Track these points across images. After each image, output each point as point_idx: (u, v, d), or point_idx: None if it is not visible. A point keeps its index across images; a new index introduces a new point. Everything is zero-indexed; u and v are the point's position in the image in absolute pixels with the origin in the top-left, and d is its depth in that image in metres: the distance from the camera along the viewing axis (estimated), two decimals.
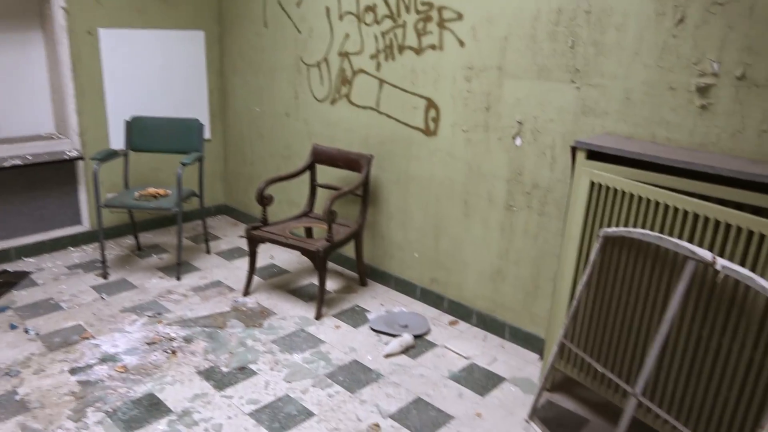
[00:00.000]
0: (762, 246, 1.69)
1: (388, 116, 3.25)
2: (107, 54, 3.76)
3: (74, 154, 3.68)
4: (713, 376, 1.81)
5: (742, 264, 1.74)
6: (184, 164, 3.33)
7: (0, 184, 3.51)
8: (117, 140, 3.91)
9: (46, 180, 3.69)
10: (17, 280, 3.36)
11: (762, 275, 1.69)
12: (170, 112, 4.12)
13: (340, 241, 3.09)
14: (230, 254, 3.86)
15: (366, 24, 3.26)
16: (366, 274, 3.48)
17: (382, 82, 3.25)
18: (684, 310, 1.85)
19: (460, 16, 2.82)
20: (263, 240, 3.12)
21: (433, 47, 2.96)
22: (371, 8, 3.20)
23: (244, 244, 4.05)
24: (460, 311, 3.11)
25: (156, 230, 4.24)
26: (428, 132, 3.08)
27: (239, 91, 4.27)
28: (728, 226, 1.76)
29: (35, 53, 3.66)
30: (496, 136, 2.79)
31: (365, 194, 3.28)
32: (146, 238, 4.09)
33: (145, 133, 3.68)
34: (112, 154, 3.48)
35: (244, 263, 3.71)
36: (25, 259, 3.65)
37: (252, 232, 3.14)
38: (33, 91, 3.70)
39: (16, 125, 3.67)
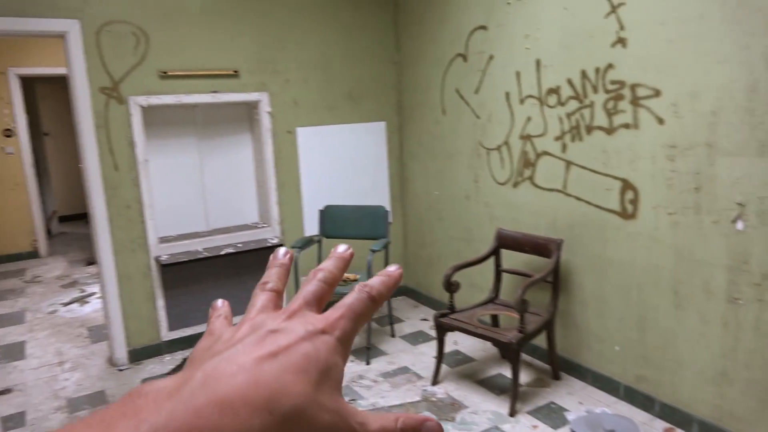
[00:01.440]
0: None
1: (578, 198, 3.11)
2: (303, 149, 4.16)
3: (275, 241, 4.05)
4: None
5: None
6: (373, 251, 3.47)
7: (216, 268, 3.97)
8: (310, 227, 4.23)
9: (251, 265, 4.10)
10: None
11: None
12: (356, 197, 4.39)
13: (533, 332, 2.95)
14: (414, 338, 3.89)
15: (549, 106, 3.20)
16: (559, 367, 3.26)
17: (569, 163, 3.13)
18: None
19: (657, 93, 2.64)
20: (452, 328, 3.09)
21: (626, 126, 2.80)
22: (554, 90, 3.16)
23: (426, 327, 4.06)
24: (676, 417, 2.74)
25: None
26: (625, 215, 2.87)
27: (418, 176, 4.42)
28: None
29: (245, 152, 4.18)
30: (710, 219, 2.50)
31: (556, 281, 3.12)
32: None
33: (336, 220, 3.94)
34: (309, 242, 3.76)
35: (428, 348, 3.70)
36: None
37: (440, 320, 3.13)
38: (242, 186, 4.19)
39: (230, 216, 4.16)
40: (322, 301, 0.37)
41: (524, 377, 3.26)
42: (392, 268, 0.39)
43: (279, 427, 0.29)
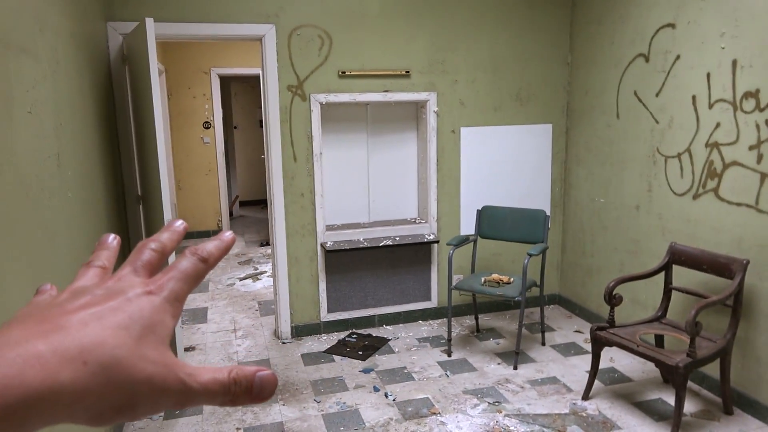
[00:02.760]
0: None
1: None
2: (465, 149, 4.20)
3: (431, 237, 4.14)
4: None
5: None
6: (530, 255, 3.41)
7: (375, 259, 4.17)
8: (466, 226, 4.27)
9: (406, 258, 4.24)
10: (380, 345, 3.88)
11: None
12: (516, 200, 4.32)
13: (704, 358, 2.69)
14: (566, 349, 3.74)
15: (745, 111, 2.88)
16: (732, 401, 2.93)
17: (764, 176, 2.79)
18: None
19: None
20: (610, 343, 2.92)
21: None
22: (753, 94, 2.83)
23: (580, 339, 3.89)
24: None
25: (493, 313, 4.41)
26: None
27: (582, 182, 4.23)
28: None
29: (409, 150, 4.33)
30: None
31: (737, 305, 2.81)
32: (484, 320, 4.29)
33: (493, 222, 3.93)
34: (464, 240, 3.80)
35: (580, 361, 3.54)
36: (386, 326, 4.21)
37: (598, 333, 2.98)
38: (405, 181, 4.35)
39: (391, 210, 4.35)
40: (152, 268, 0.38)
41: (689, 406, 2.98)
42: (226, 234, 0.40)
43: (94, 377, 0.30)
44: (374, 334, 4.06)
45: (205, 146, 7.15)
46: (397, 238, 4.09)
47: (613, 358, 3.54)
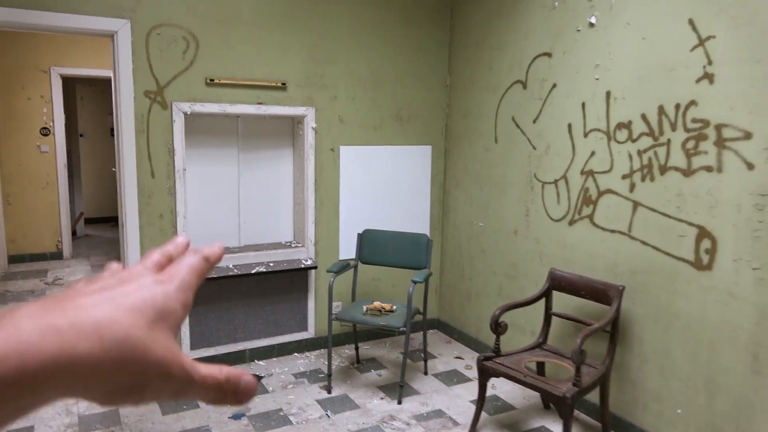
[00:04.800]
0: None
1: (644, 243, 2.86)
2: (345, 169, 3.98)
3: (309, 263, 3.85)
4: None
5: None
6: (415, 282, 3.25)
7: (245, 287, 3.77)
8: (345, 249, 4.03)
9: (281, 286, 3.90)
10: None
11: None
12: (395, 222, 4.18)
13: (588, 386, 2.69)
14: (448, 378, 3.63)
15: (618, 141, 2.98)
16: (610, 425, 2.98)
17: (636, 204, 2.90)
18: None
19: (748, 135, 2.41)
20: (498, 374, 2.84)
21: (708, 169, 2.57)
22: (625, 125, 2.94)
23: (461, 366, 3.81)
24: None
25: (373, 341, 4.21)
26: (699, 265, 2.62)
27: (461, 205, 4.21)
28: None
29: (285, 168, 4.01)
30: None
31: (614, 331, 2.86)
32: (364, 349, 4.06)
33: (374, 246, 3.74)
34: (345, 267, 3.56)
35: (464, 390, 3.44)
36: (258, 362, 3.81)
37: (485, 363, 2.88)
38: (279, 202, 4.02)
39: (264, 233, 3.98)
40: (161, 268, 0.39)
41: None
42: (216, 244, 0.43)
43: (110, 352, 0.31)
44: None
45: (43, 156, 6.20)
46: (271, 264, 3.74)
47: (495, 385, 3.49)
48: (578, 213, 3.24)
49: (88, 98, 8.23)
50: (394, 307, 3.54)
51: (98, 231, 8.03)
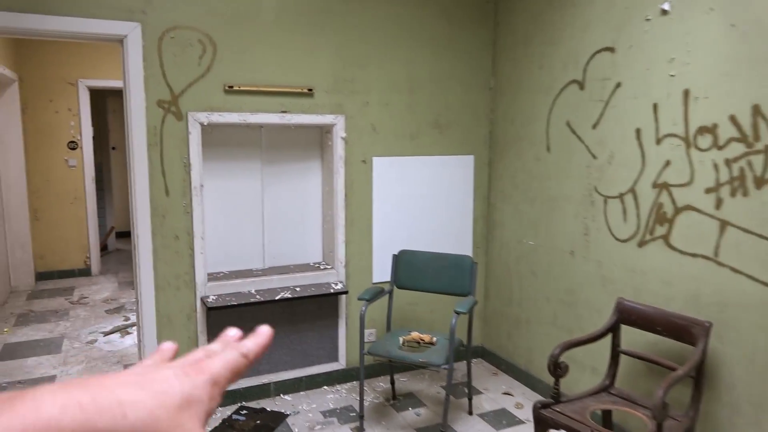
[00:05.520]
0: None
1: (735, 270, 2.38)
2: (378, 182, 3.60)
3: (339, 287, 3.47)
4: None
5: None
6: (458, 313, 2.84)
7: (270, 314, 3.43)
8: (379, 272, 3.64)
9: (309, 312, 3.54)
10: (275, 423, 3.13)
11: None
12: (434, 241, 3.77)
13: None
14: (496, 419, 3.19)
15: (700, 149, 2.51)
16: None
17: (724, 223, 2.42)
18: None
19: None
20: (558, 426, 2.39)
21: None
22: (709, 129, 2.47)
23: (510, 404, 3.36)
24: None
25: (411, 373, 3.80)
26: None
27: (509, 221, 3.77)
28: None
29: (312, 182, 3.66)
30: None
31: (699, 376, 2.39)
32: (401, 382, 3.66)
33: (412, 270, 3.34)
34: (378, 293, 3.17)
35: None
36: (283, 396, 3.45)
37: (542, 412, 2.44)
38: (307, 220, 3.67)
39: (290, 254, 3.63)
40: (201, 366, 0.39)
41: None
42: (264, 328, 0.44)
43: (132, 429, 0.31)
44: (269, 408, 3.30)
45: (71, 170, 6.05)
46: (298, 289, 3.38)
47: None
48: (650, 233, 2.77)
49: (120, 111, 8.11)
50: (435, 339, 3.13)
51: (130, 245, 7.87)
